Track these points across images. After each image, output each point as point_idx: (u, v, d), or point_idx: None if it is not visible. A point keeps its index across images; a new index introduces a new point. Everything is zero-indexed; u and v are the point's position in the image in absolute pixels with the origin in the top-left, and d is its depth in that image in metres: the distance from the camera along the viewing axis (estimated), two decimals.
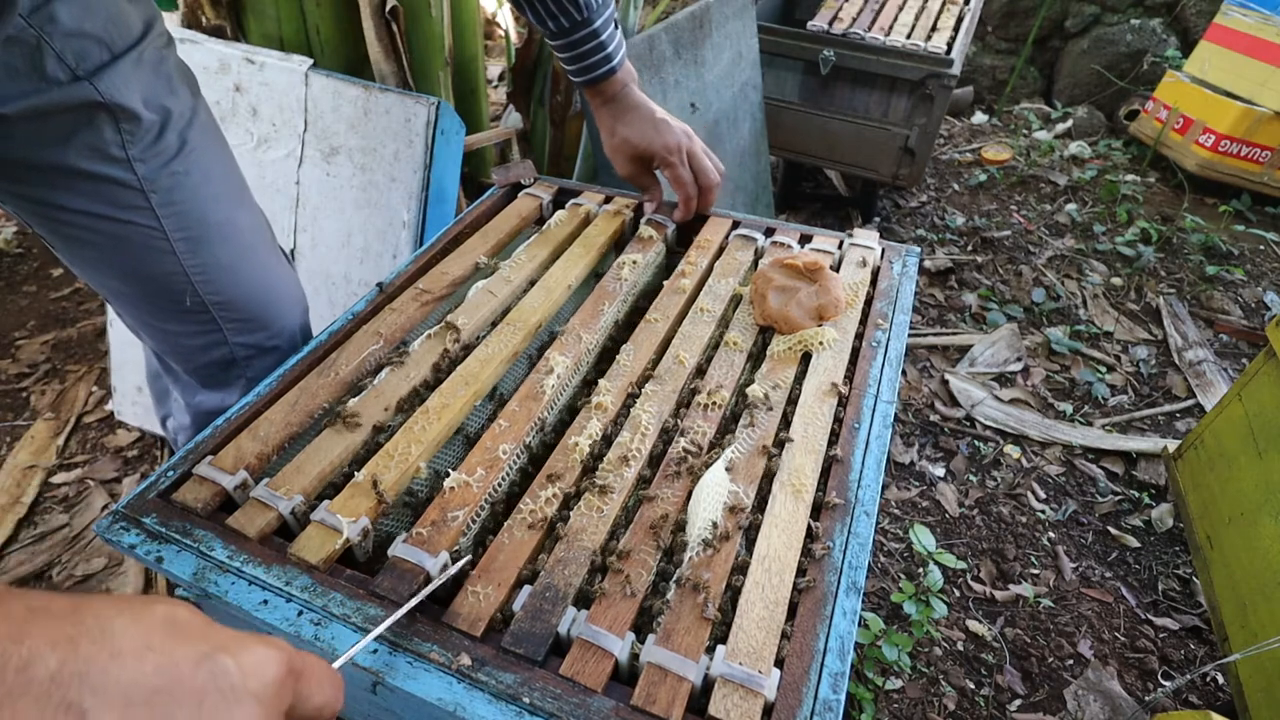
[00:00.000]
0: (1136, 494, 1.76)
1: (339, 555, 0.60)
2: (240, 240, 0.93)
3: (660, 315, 0.86)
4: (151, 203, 0.82)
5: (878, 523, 1.12)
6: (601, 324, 0.85)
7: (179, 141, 0.83)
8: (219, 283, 0.91)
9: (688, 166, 0.99)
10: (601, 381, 0.77)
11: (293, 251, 1.59)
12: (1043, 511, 1.72)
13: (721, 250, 0.99)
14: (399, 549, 0.60)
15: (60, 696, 0.28)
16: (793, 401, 0.76)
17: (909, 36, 2.24)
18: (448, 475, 0.66)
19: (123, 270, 0.87)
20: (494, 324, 0.85)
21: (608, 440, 0.72)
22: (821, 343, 0.81)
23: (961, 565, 1.57)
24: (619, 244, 1.01)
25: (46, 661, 0.28)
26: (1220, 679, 1.41)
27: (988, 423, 1.93)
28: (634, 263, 0.93)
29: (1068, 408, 2.00)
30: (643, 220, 1.02)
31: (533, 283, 0.91)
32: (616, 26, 0.95)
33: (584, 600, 0.58)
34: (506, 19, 2.67)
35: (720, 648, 0.53)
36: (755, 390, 0.75)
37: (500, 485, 0.68)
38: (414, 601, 0.54)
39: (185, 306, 0.90)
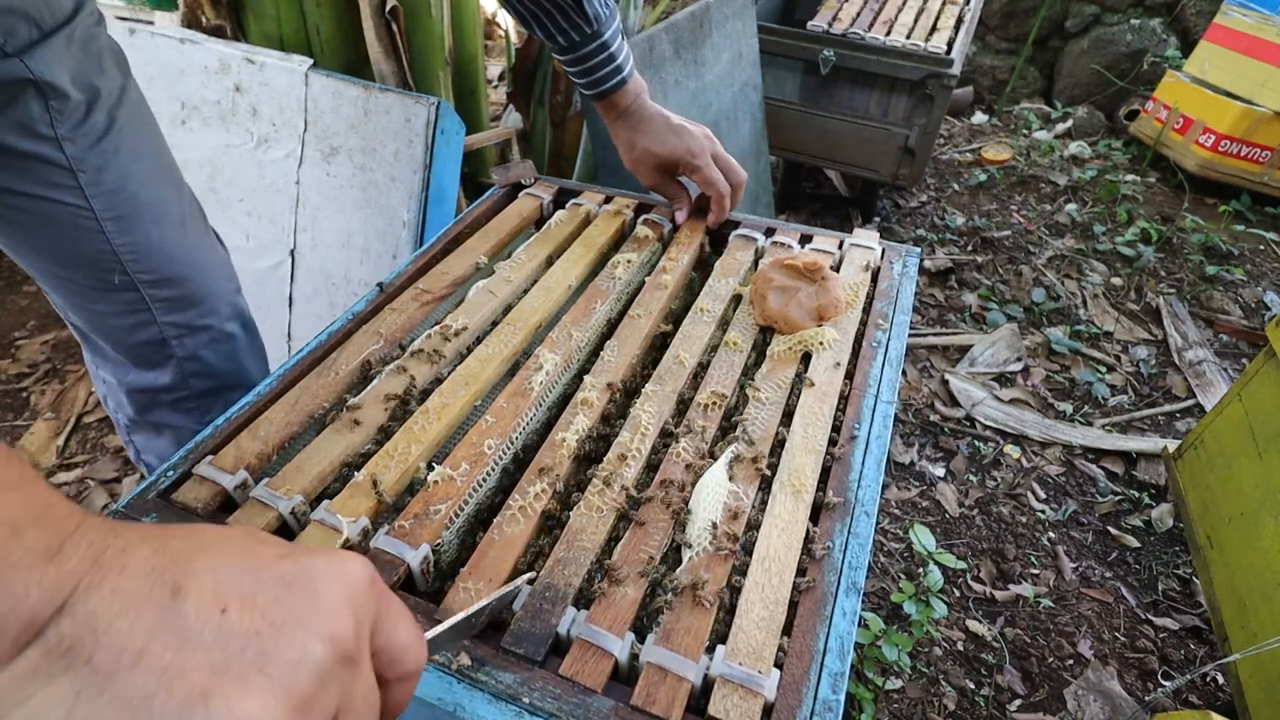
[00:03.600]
0: (1136, 494, 1.76)
1: None
2: (170, 219, 0.93)
3: (643, 311, 0.87)
4: (80, 182, 0.82)
5: (878, 523, 1.12)
6: (593, 322, 0.85)
7: (107, 121, 0.84)
8: (148, 262, 0.91)
9: (715, 167, 0.98)
10: (586, 377, 0.78)
11: (293, 251, 1.59)
12: (1043, 511, 1.72)
13: (702, 246, 1.00)
14: (380, 540, 0.60)
15: (157, 576, 0.30)
16: (793, 401, 0.76)
17: (909, 36, 2.24)
18: (433, 469, 0.66)
19: (50, 249, 0.87)
20: (494, 324, 0.86)
21: (605, 439, 0.72)
22: (821, 343, 0.81)
23: (961, 565, 1.57)
24: (619, 244, 1.01)
25: (140, 550, 0.30)
26: (1220, 679, 1.41)
27: (988, 423, 1.93)
28: (628, 262, 0.93)
29: (1068, 408, 2.00)
30: (639, 221, 1.02)
31: (533, 283, 0.91)
32: (624, 38, 0.95)
33: (584, 600, 0.58)
34: (506, 19, 2.68)
35: (720, 647, 0.53)
36: (755, 390, 0.75)
37: (485, 480, 0.68)
38: (500, 593, 0.55)
39: (114, 285, 0.90)
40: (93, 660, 0.27)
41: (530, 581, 0.58)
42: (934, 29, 2.33)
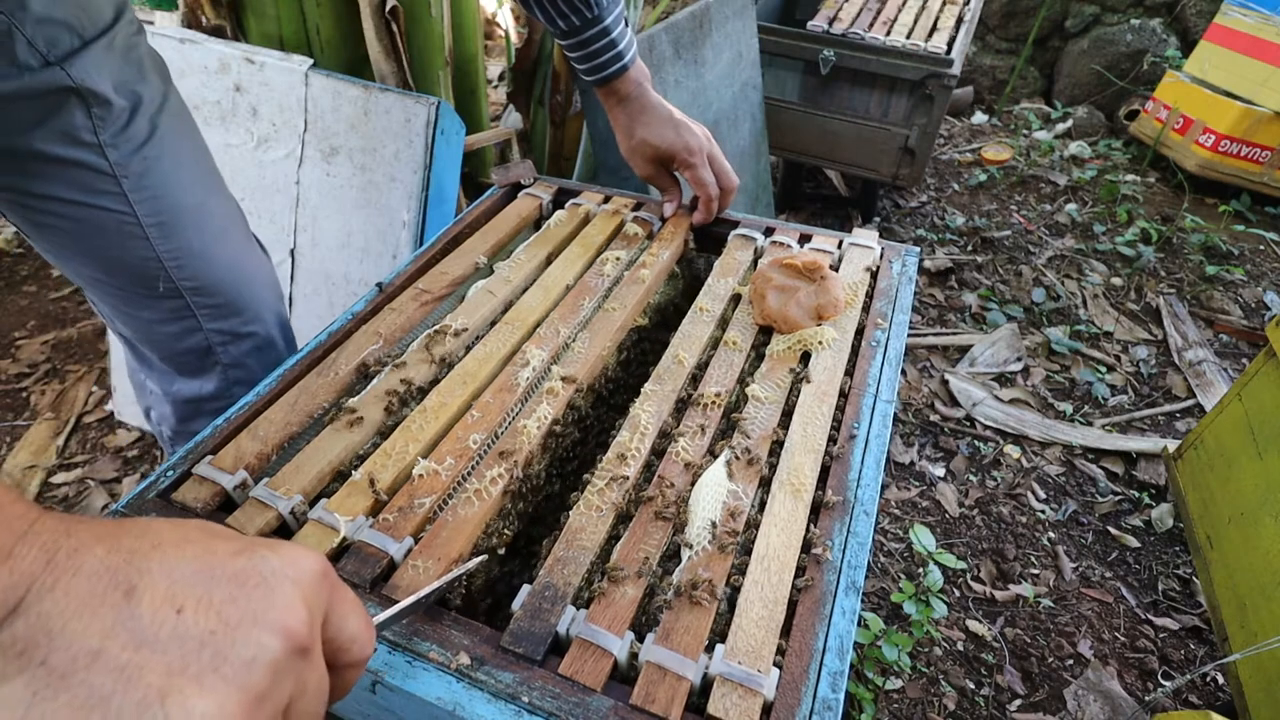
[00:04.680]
0: (1136, 494, 1.76)
1: (337, 554, 0.60)
2: (213, 226, 0.93)
3: (618, 305, 0.87)
4: (123, 188, 0.83)
5: (878, 523, 1.12)
6: (580, 318, 0.85)
7: (149, 127, 0.84)
8: (192, 268, 0.91)
9: (709, 168, 0.98)
10: (554, 368, 0.78)
11: (293, 251, 1.59)
12: (1043, 511, 1.72)
13: (686, 243, 1.01)
14: (364, 533, 0.60)
15: (110, 576, 0.30)
16: (792, 401, 0.76)
17: (909, 36, 2.24)
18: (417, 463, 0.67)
19: (96, 256, 0.87)
20: (493, 323, 0.86)
21: (577, 427, 0.72)
22: (821, 342, 0.81)
23: (961, 565, 1.56)
24: None
25: (93, 550, 0.31)
26: (1220, 679, 1.41)
27: (988, 423, 1.93)
28: (616, 259, 0.93)
29: (1068, 408, 2.00)
30: (629, 219, 1.02)
31: (532, 282, 0.91)
32: (626, 24, 0.95)
33: (583, 599, 0.58)
34: (506, 19, 2.68)
35: (719, 647, 0.53)
36: (754, 390, 0.75)
37: (469, 474, 0.69)
38: (450, 576, 0.56)
39: (159, 292, 0.91)
40: (48, 661, 0.27)
41: (483, 563, 0.59)
42: (934, 29, 2.33)
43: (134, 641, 0.29)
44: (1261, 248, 2.64)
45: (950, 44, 2.22)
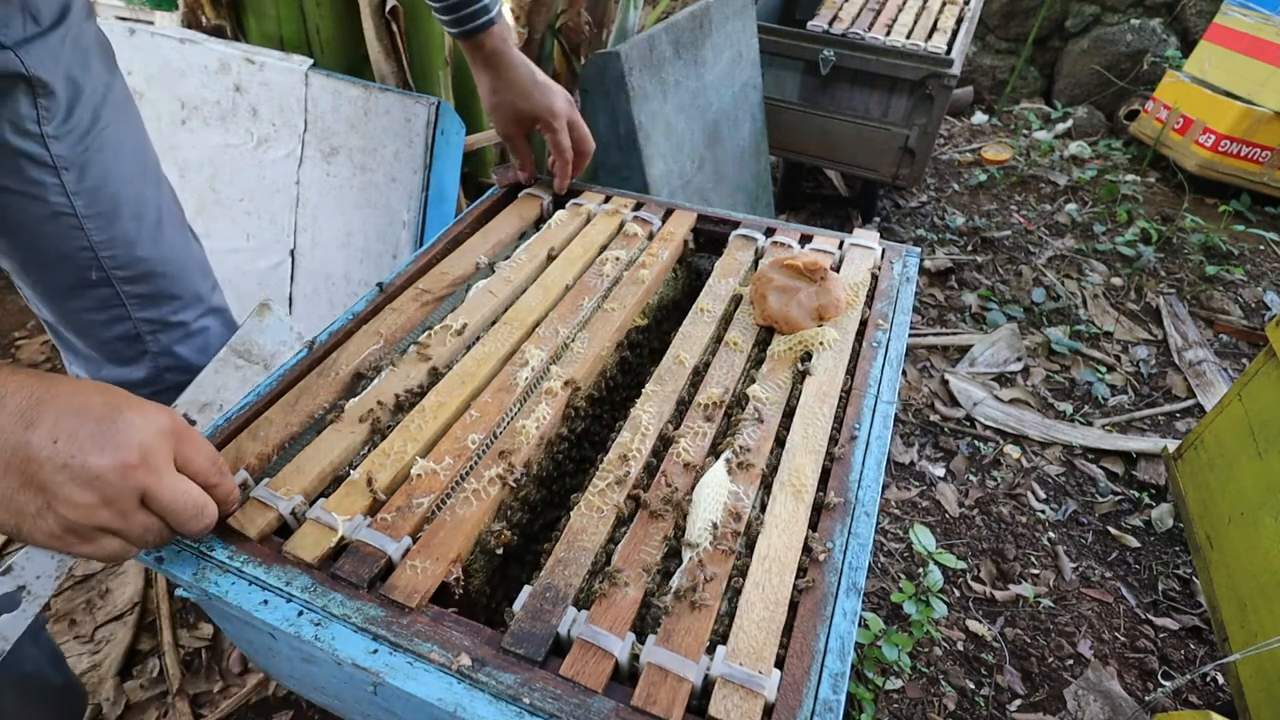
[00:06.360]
0: (1136, 494, 1.76)
1: (334, 553, 0.60)
2: (149, 216, 0.93)
3: (618, 305, 0.87)
4: (63, 179, 0.82)
5: (878, 523, 1.12)
6: (579, 318, 0.85)
7: (91, 118, 0.83)
8: (124, 258, 0.91)
9: (568, 133, 0.99)
10: (554, 368, 0.78)
11: (293, 251, 1.59)
12: (1043, 511, 1.72)
13: (685, 243, 1.01)
14: (362, 533, 0.60)
15: (20, 415, 0.47)
16: (793, 401, 0.76)
17: (909, 36, 2.24)
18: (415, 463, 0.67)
19: (29, 245, 0.86)
20: (493, 323, 0.86)
21: (573, 430, 0.72)
22: (822, 343, 0.81)
23: (961, 565, 1.56)
24: None
25: (17, 395, 0.48)
26: (1220, 679, 1.41)
27: (988, 423, 1.93)
28: (616, 259, 0.93)
29: (1068, 408, 2.00)
30: (629, 218, 1.02)
31: (533, 282, 0.91)
32: None
33: (584, 600, 0.58)
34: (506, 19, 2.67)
35: (720, 648, 0.53)
36: (756, 390, 0.75)
37: (468, 473, 0.69)
38: None
39: (90, 281, 0.90)
40: None
41: None
42: (934, 29, 2.33)
43: (23, 458, 0.47)
44: (1261, 248, 2.64)
45: (950, 44, 2.22)
